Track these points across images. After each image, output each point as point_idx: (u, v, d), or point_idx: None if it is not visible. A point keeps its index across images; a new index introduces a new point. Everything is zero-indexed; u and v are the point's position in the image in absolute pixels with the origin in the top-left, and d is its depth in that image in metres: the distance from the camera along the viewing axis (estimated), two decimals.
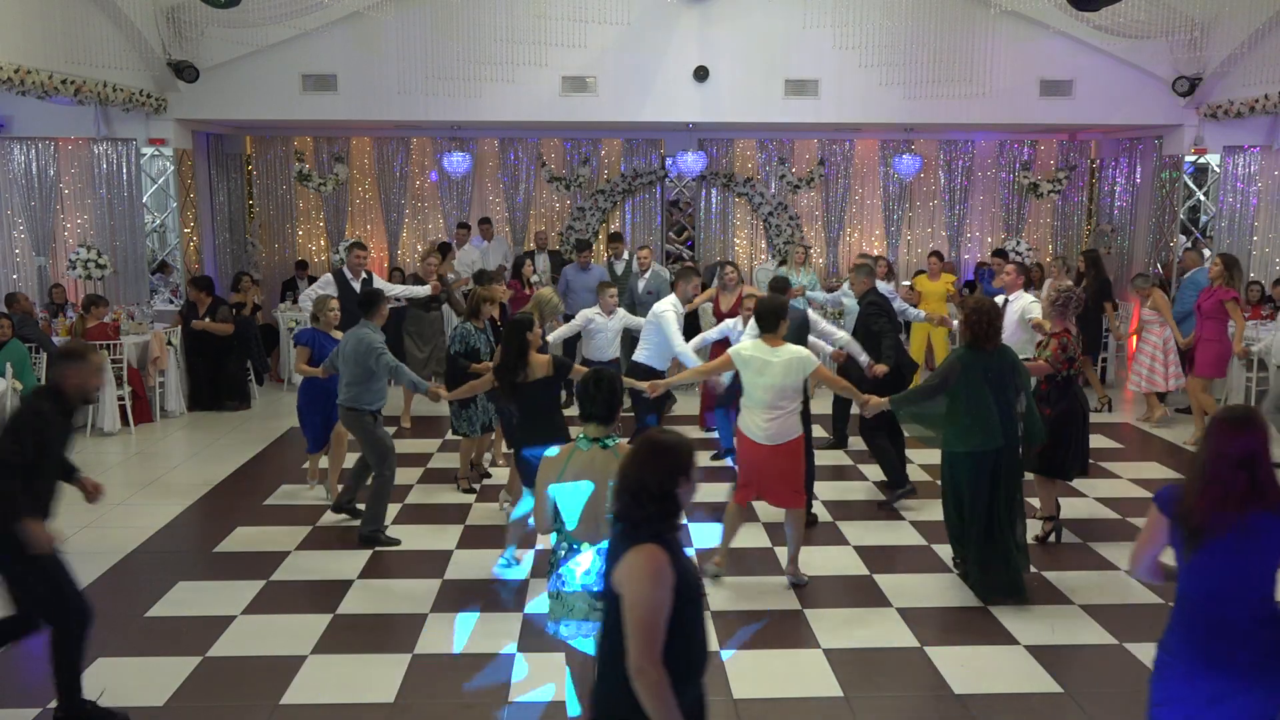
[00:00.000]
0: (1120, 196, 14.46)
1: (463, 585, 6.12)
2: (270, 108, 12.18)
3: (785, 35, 12.01)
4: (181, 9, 11.32)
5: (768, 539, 6.85)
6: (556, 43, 11.54)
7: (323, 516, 7.36)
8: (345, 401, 6.79)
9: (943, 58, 11.81)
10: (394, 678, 4.93)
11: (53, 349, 9.50)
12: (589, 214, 14.12)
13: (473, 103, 12.05)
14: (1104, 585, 6.08)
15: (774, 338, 5.80)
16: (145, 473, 8.59)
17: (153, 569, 6.37)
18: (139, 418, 10.10)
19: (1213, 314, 9.31)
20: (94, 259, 11.67)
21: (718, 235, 14.40)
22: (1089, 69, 12.20)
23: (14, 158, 12.17)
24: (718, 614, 5.66)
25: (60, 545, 4.44)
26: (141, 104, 11.44)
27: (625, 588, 2.72)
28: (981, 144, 14.38)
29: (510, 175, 14.32)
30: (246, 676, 4.99)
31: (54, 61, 9.85)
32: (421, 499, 7.81)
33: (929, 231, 14.67)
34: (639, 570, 2.72)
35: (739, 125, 13.26)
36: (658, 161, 14.16)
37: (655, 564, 2.72)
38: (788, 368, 5.72)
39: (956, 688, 4.85)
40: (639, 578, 2.71)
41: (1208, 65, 11.85)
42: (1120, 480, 8.29)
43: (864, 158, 14.42)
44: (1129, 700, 4.76)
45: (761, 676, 4.96)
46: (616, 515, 2.87)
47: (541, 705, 4.67)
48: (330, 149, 14.05)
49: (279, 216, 14.35)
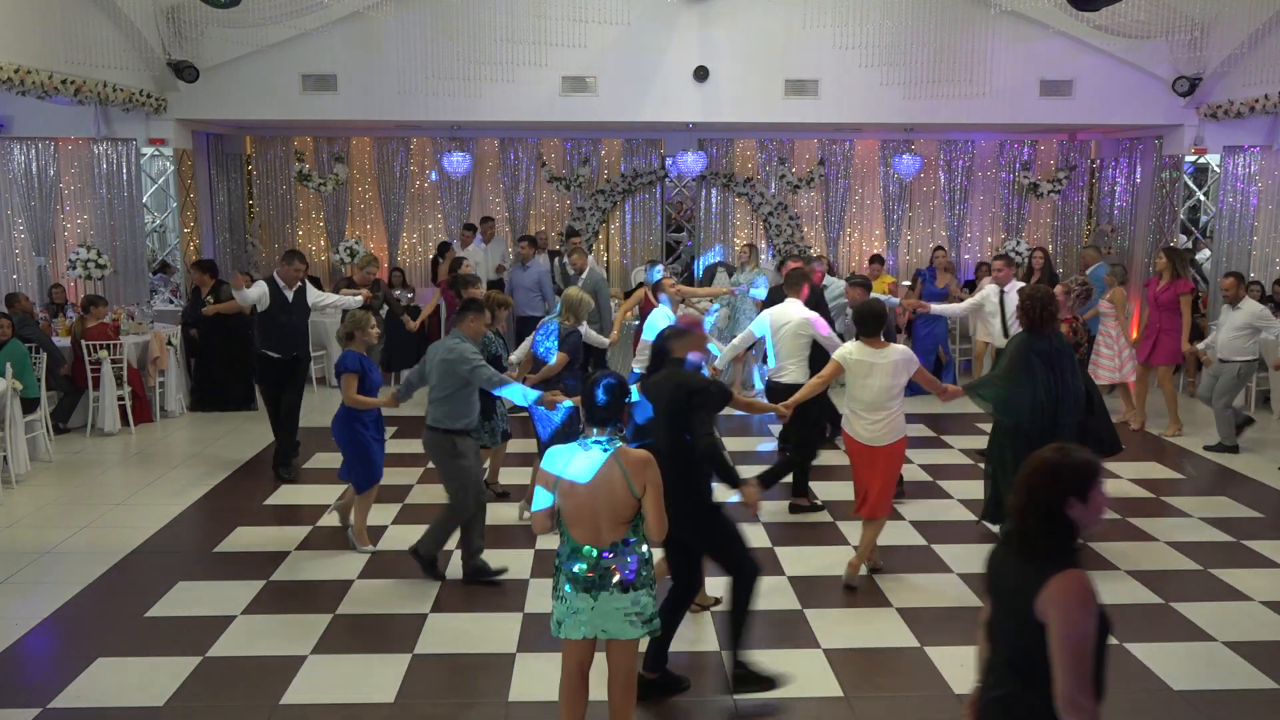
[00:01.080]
0: (1120, 196, 14.45)
1: (463, 585, 6.13)
2: (270, 108, 12.18)
3: (785, 35, 12.01)
4: (181, 9, 11.32)
5: (768, 539, 6.85)
6: (556, 43, 11.54)
7: (323, 517, 7.36)
8: (434, 422, 6.04)
9: (943, 58, 11.81)
10: (394, 678, 4.93)
11: (53, 349, 9.51)
12: (589, 214, 14.12)
13: (473, 103, 12.05)
14: (1104, 585, 6.07)
15: (875, 340, 5.92)
16: (145, 473, 8.59)
17: (153, 569, 6.37)
18: (139, 418, 10.10)
19: (1169, 306, 9.77)
20: (94, 259, 11.67)
21: (718, 235, 14.40)
22: (1089, 69, 12.20)
23: (14, 158, 12.17)
24: (718, 614, 5.67)
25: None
26: (141, 104, 11.44)
27: (1056, 615, 2.57)
28: (981, 144, 14.38)
29: (510, 175, 14.32)
30: (246, 676, 4.99)
31: (54, 61, 9.85)
32: (422, 499, 7.80)
33: (929, 231, 14.67)
34: (1071, 596, 2.56)
35: (739, 125, 13.26)
36: (658, 161, 14.16)
37: (1084, 589, 2.58)
38: (895, 368, 5.86)
39: (956, 688, 4.85)
40: (1072, 604, 2.56)
41: (1208, 65, 11.85)
42: (1120, 480, 8.29)
43: (864, 158, 14.42)
44: (1129, 700, 4.76)
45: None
46: (1017, 535, 2.72)
47: (541, 705, 4.67)
48: (330, 149, 14.05)
49: (279, 216, 14.35)
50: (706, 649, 5.25)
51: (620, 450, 3.86)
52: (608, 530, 3.84)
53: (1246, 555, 6.63)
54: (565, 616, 3.90)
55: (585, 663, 4.03)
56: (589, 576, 3.83)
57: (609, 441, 3.89)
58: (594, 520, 3.83)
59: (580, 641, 3.92)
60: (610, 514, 3.82)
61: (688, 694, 4.80)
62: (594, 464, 3.82)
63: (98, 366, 9.68)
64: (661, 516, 3.87)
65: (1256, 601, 5.87)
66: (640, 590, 3.88)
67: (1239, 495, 7.94)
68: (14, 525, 7.26)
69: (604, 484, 3.80)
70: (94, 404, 9.78)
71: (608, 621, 3.85)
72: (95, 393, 9.75)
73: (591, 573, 3.83)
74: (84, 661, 5.05)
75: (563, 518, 3.90)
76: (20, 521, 7.34)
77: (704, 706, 4.72)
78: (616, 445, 3.89)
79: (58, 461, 8.89)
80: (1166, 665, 5.06)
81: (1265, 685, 4.89)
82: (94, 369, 9.69)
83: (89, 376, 9.73)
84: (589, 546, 3.85)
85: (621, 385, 3.98)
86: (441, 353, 6.02)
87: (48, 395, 9.21)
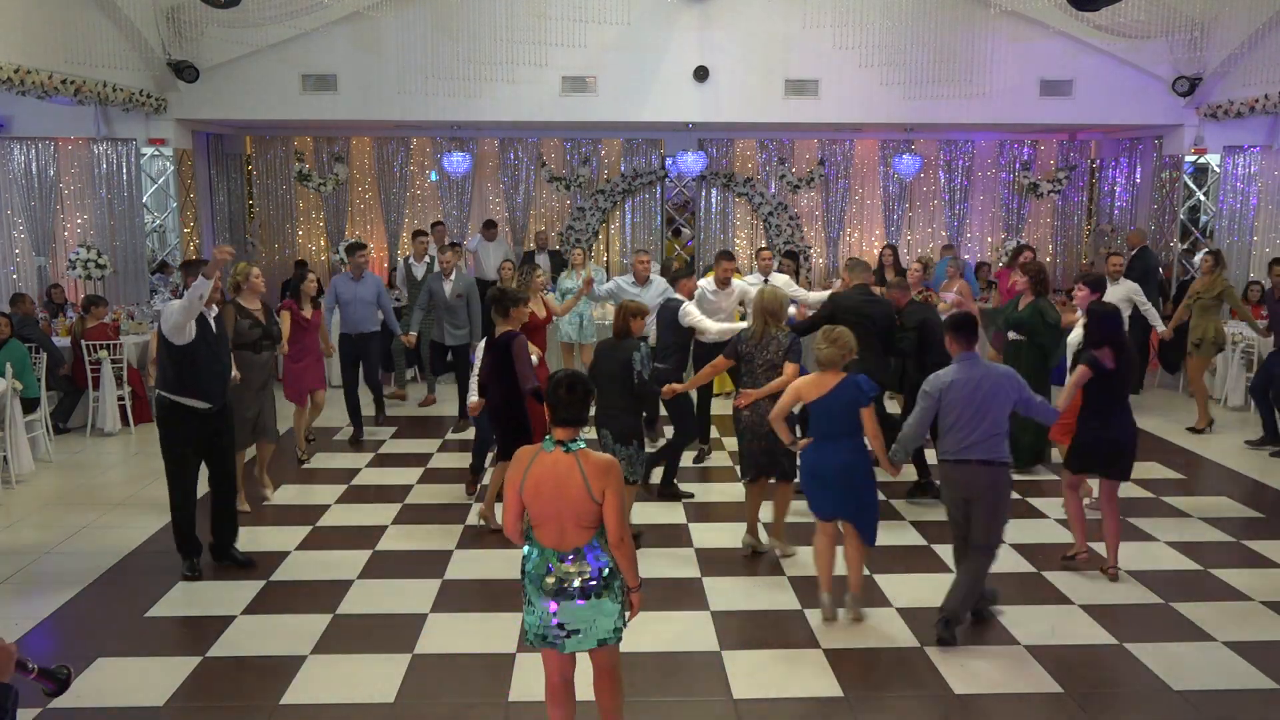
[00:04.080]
0: (1120, 196, 14.47)
1: (463, 585, 6.13)
2: (270, 108, 12.19)
3: (785, 35, 12.02)
4: (181, 9, 11.33)
5: (766, 538, 6.84)
6: (556, 43, 11.55)
7: (323, 516, 7.36)
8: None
9: (943, 58, 11.82)
10: (394, 678, 4.93)
11: (53, 349, 9.51)
12: (589, 214, 14.12)
13: (473, 103, 12.06)
14: (1104, 585, 6.08)
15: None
16: (145, 473, 8.58)
17: (153, 569, 6.36)
18: (139, 418, 10.09)
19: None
20: (94, 259, 11.67)
21: (718, 235, 14.40)
22: (1089, 69, 12.20)
23: (14, 158, 12.18)
24: (717, 614, 5.67)
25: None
26: (141, 104, 11.44)
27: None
28: (981, 144, 14.38)
29: (510, 175, 14.32)
30: (246, 676, 4.99)
31: (54, 61, 9.85)
32: (422, 499, 7.80)
33: (929, 231, 14.68)
34: None
35: (739, 125, 13.26)
36: (658, 161, 14.16)
37: None
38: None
39: (956, 688, 4.85)
40: None
41: (1208, 65, 11.85)
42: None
43: (864, 158, 14.42)
44: (1129, 700, 4.76)
45: (761, 676, 4.96)
46: None
47: (541, 705, 4.66)
48: (330, 149, 14.05)
49: (279, 216, 14.36)
50: (707, 649, 5.25)
51: (582, 453, 3.74)
52: (572, 533, 3.73)
53: (1246, 555, 6.63)
54: (535, 626, 3.82)
55: (567, 670, 4.00)
56: (550, 582, 3.74)
57: (571, 443, 3.78)
58: (559, 523, 3.73)
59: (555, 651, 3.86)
60: (574, 517, 3.72)
61: (688, 694, 4.81)
62: (557, 466, 3.71)
63: (98, 366, 9.68)
64: (620, 523, 3.72)
65: (1256, 601, 5.86)
66: (604, 598, 3.76)
67: (1239, 495, 7.94)
68: (14, 525, 7.26)
69: (565, 487, 3.69)
70: (94, 404, 9.78)
71: (572, 626, 3.75)
72: (95, 393, 9.75)
73: (552, 578, 3.73)
74: (84, 661, 5.05)
75: (529, 520, 3.81)
76: (20, 521, 7.34)
77: (704, 706, 4.72)
78: (579, 447, 3.77)
79: (58, 461, 8.89)
80: (1166, 665, 5.05)
81: (1265, 685, 4.88)
82: (94, 369, 9.69)
83: (89, 376, 9.73)
84: (551, 549, 3.76)
85: (585, 385, 3.84)
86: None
87: (48, 395, 9.21)
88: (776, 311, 6.33)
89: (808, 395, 5.44)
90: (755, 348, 6.31)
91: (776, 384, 6.06)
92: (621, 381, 6.28)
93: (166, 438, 6.12)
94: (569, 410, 3.78)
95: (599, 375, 6.34)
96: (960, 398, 5.23)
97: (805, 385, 5.51)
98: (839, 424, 5.40)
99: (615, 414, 6.34)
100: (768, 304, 6.33)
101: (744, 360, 6.37)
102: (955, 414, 5.25)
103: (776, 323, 6.33)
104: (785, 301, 6.49)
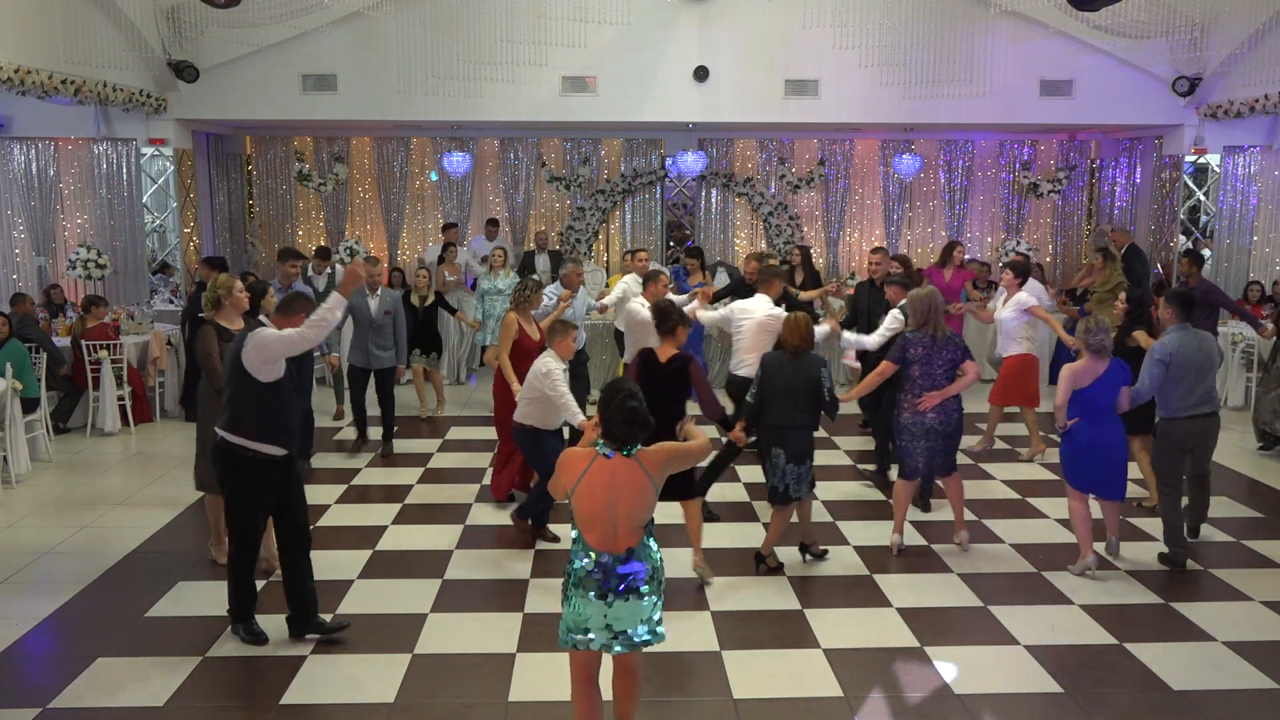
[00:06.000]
0: (1120, 196, 14.47)
1: (463, 585, 6.13)
2: (270, 108, 12.20)
3: (785, 35, 12.02)
4: (181, 9, 11.33)
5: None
6: (556, 43, 11.56)
7: (323, 516, 7.36)
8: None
9: (943, 58, 11.83)
10: (394, 678, 4.93)
11: (53, 349, 9.51)
12: (589, 214, 14.13)
13: (473, 103, 12.06)
14: (1105, 585, 6.08)
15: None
16: (145, 473, 8.58)
17: (153, 569, 6.36)
18: (139, 418, 10.09)
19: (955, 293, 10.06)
20: (94, 259, 11.67)
21: (718, 235, 14.40)
22: (1089, 69, 12.20)
23: (14, 158, 12.18)
24: (717, 614, 5.67)
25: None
26: (141, 104, 11.44)
27: None
28: (981, 144, 14.39)
29: (510, 175, 14.33)
30: (246, 676, 4.99)
31: (54, 61, 9.85)
32: (421, 499, 7.80)
33: (929, 231, 14.68)
34: None
35: (739, 125, 13.27)
36: (658, 161, 14.16)
37: None
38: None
39: (957, 688, 4.85)
40: None
41: (1208, 65, 11.86)
42: None
43: (864, 158, 14.42)
44: (1129, 700, 4.76)
45: (761, 676, 4.96)
46: None
47: (542, 705, 4.67)
48: (330, 149, 14.05)
49: (279, 216, 14.36)
50: (705, 649, 5.25)
51: (641, 453, 3.87)
52: (623, 536, 3.81)
53: (1246, 555, 6.63)
54: (574, 625, 3.85)
55: (593, 669, 4.01)
56: (598, 581, 3.80)
57: (630, 447, 3.87)
58: (610, 525, 3.80)
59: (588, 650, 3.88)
60: (628, 519, 3.80)
61: (687, 694, 4.81)
62: (615, 472, 3.80)
63: (98, 366, 9.68)
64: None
65: (1256, 601, 5.86)
66: (646, 598, 3.84)
67: (1239, 495, 7.94)
68: (14, 525, 7.25)
69: (624, 488, 3.79)
70: (94, 404, 9.77)
71: (618, 627, 3.80)
72: (95, 393, 9.75)
73: (601, 577, 3.79)
74: (84, 661, 5.05)
75: (576, 521, 3.87)
76: (20, 521, 7.34)
77: (704, 706, 4.72)
78: (638, 449, 3.88)
79: (58, 461, 8.89)
80: (1166, 665, 5.05)
81: (1265, 685, 4.89)
82: (94, 369, 9.69)
83: (89, 376, 9.73)
84: (602, 551, 3.81)
85: (645, 422, 3.87)
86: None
87: (48, 395, 9.21)
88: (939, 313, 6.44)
89: (1083, 381, 6.02)
90: (931, 349, 6.33)
91: (964, 383, 6.35)
92: (807, 398, 6.01)
93: (240, 492, 5.15)
94: (622, 437, 3.84)
95: (771, 391, 6.07)
96: (1190, 361, 6.12)
97: (1080, 372, 6.04)
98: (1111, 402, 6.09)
99: (794, 432, 6.01)
100: (937, 302, 6.41)
101: (916, 364, 6.35)
102: (1189, 375, 6.13)
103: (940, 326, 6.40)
104: (941, 304, 6.54)
